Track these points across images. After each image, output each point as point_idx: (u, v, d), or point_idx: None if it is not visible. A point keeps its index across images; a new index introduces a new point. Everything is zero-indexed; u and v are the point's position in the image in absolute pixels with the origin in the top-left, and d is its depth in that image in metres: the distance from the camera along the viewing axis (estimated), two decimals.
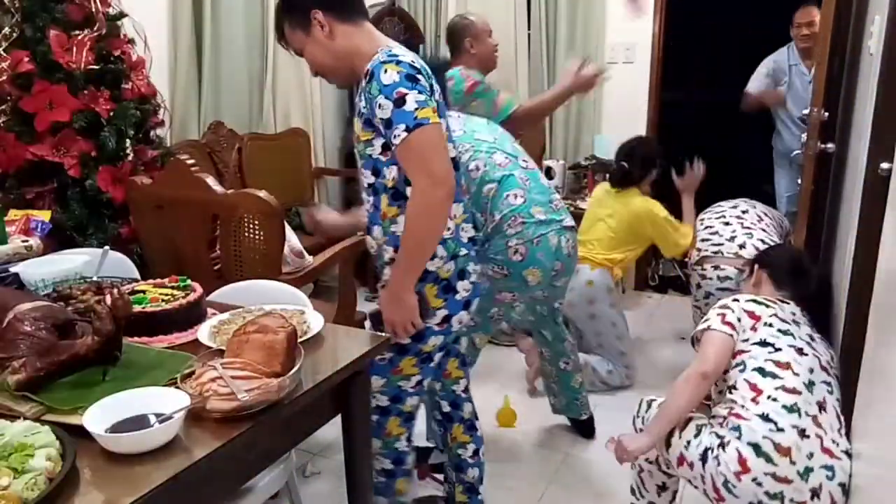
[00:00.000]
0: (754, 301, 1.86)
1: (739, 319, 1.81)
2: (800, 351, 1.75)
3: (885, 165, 2.17)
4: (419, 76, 1.60)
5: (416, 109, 1.55)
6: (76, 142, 2.48)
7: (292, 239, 2.58)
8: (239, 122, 3.86)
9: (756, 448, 1.58)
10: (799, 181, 3.01)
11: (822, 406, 1.69)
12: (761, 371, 1.70)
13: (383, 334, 1.65)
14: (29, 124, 2.43)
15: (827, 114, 2.77)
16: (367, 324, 1.81)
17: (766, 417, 1.62)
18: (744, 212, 3.13)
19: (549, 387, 2.77)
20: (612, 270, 3.05)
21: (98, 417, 1.14)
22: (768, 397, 1.64)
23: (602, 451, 2.64)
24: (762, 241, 2.92)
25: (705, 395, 1.80)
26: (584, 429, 2.77)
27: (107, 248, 1.91)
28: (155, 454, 1.10)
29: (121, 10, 2.70)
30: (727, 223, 3.07)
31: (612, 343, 3.09)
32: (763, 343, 1.75)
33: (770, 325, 1.79)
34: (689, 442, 1.70)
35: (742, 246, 2.92)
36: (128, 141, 2.66)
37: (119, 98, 2.60)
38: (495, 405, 2.90)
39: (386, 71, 1.57)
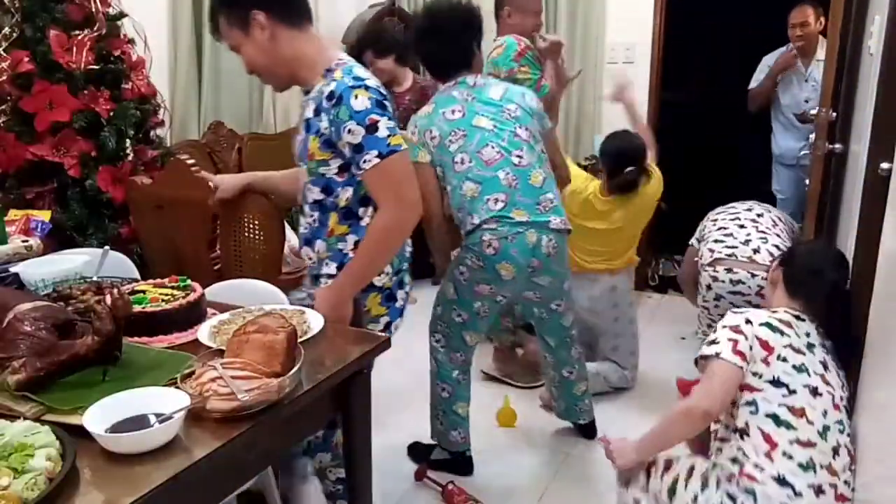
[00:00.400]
0: (769, 326, 1.66)
1: (751, 348, 1.63)
2: (815, 391, 1.61)
3: (885, 165, 2.17)
4: (386, 102, 1.64)
5: (389, 136, 1.60)
6: (76, 142, 2.48)
7: (292, 239, 2.58)
8: (239, 122, 3.86)
9: None
10: (806, 182, 3.00)
11: (835, 451, 1.60)
12: (776, 419, 1.57)
13: (381, 334, 1.66)
14: (29, 124, 2.43)
15: (835, 114, 2.76)
16: None
17: (782, 481, 1.52)
18: (759, 215, 3.08)
19: (550, 391, 2.74)
20: (630, 263, 3.04)
21: (98, 417, 1.14)
22: (783, 453, 1.54)
23: (603, 451, 2.64)
24: (777, 246, 2.88)
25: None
26: (585, 431, 2.75)
27: (107, 248, 1.91)
28: (155, 454, 1.10)
29: (121, 10, 2.70)
30: (742, 226, 3.02)
31: (627, 344, 3.05)
32: (777, 383, 1.60)
33: (784, 359, 1.62)
34: (696, 496, 1.61)
35: (756, 251, 2.88)
36: (128, 141, 2.66)
37: (119, 98, 2.60)
38: (496, 405, 2.90)
39: (357, 97, 1.59)
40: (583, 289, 2.89)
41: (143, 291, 1.65)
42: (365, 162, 1.61)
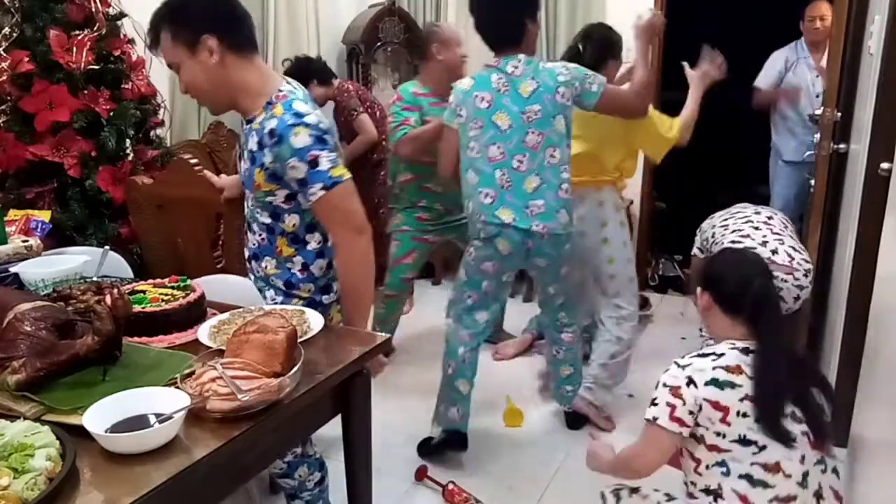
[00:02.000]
0: (715, 384, 1.54)
1: (700, 408, 1.53)
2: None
3: (885, 165, 2.17)
4: (326, 136, 1.66)
5: (331, 169, 1.64)
6: (76, 142, 2.48)
7: None
8: (239, 123, 3.85)
9: None
10: (812, 182, 2.99)
11: (818, 495, 1.54)
12: (749, 479, 1.50)
13: (382, 334, 1.66)
14: (29, 124, 2.43)
15: (840, 114, 2.76)
16: None
17: None
18: (769, 217, 3.05)
19: (547, 370, 2.88)
20: (617, 186, 2.88)
21: (98, 417, 1.14)
22: None
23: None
24: (793, 248, 2.86)
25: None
26: (568, 419, 2.84)
27: (107, 247, 1.91)
28: (155, 454, 1.10)
29: (121, 10, 2.71)
30: (756, 227, 2.99)
31: (623, 270, 2.86)
32: (744, 441, 1.51)
33: (745, 414, 1.51)
34: None
35: (775, 252, 2.85)
36: (128, 141, 2.66)
37: (119, 98, 2.61)
38: (498, 405, 2.90)
39: (297, 134, 1.61)
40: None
41: (143, 291, 1.65)
42: (311, 195, 1.66)
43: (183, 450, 1.13)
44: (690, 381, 1.55)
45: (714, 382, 1.54)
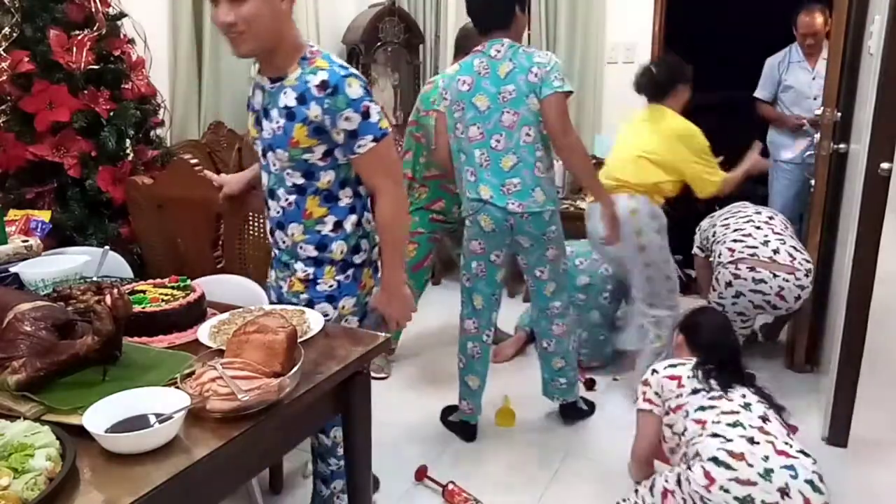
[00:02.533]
0: (671, 366, 2.10)
1: (662, 387, 2.06)
2: (726, 390, 1.98)
3: (885, 165, 2.18)
4: (368, 87, 1.69)
5: (380, 120, 1.68)
6: (76, 142, 2.48)
7: None
8: (239, 122, 3.86)
9: (715, 460, 1.74)
10: (812, 182, 3.00)
11: (764, 419, 1.84)
12: (701, 409, 1.91)
13: (382, 334, 1.66)
14: (29, 124, 2.43)
15: (840, 114, 2.76)
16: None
17: (715, 435, 1.81)
18: (770, 218, 3.06)
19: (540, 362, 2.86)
20: (653, 197, 2.83)
21: (98, 417, 1.14)
22: (713, 422, 1.85)
23: (602, 450, 2.65)
24: (794, 248, 2.86)
25: (656, 454, 2.16)
26: (563, 412, 2.86)
27: (107, 247, 1.91)
28: (155, 454, 1.10)
29: (121, 10, 2.71)
30: (758, 227, 3.00)
31: (662, 277, 2.87)
32: (695, 391, 1.98)
33: (694, 376, 2.02)
34: (667, 479, 1.88)
35: (776, 251, 2.85)
36: (128, 141, 2.66)
37: (119, 98, 2.61)
38: (495, 405, 2.90)
39: (351, 86, 1.63)
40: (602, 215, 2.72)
41: (143, 291, 1.65)
42: (360, 147, 1.67)
43: (183, 450, 1.13)
44: (654, 371, 2.12)
45: (670, 366, 2.10)
